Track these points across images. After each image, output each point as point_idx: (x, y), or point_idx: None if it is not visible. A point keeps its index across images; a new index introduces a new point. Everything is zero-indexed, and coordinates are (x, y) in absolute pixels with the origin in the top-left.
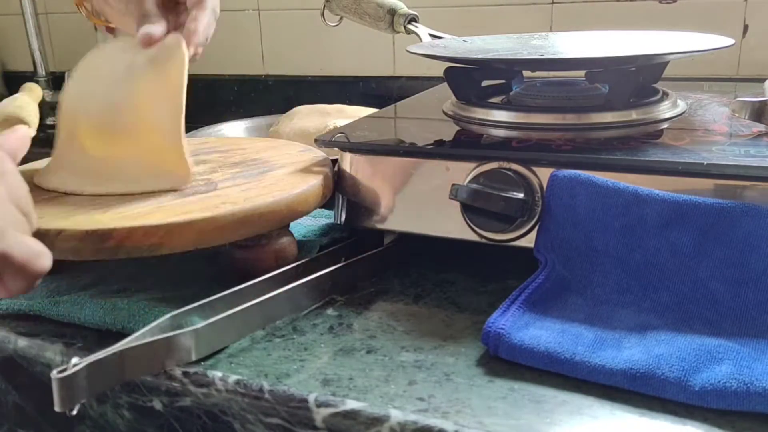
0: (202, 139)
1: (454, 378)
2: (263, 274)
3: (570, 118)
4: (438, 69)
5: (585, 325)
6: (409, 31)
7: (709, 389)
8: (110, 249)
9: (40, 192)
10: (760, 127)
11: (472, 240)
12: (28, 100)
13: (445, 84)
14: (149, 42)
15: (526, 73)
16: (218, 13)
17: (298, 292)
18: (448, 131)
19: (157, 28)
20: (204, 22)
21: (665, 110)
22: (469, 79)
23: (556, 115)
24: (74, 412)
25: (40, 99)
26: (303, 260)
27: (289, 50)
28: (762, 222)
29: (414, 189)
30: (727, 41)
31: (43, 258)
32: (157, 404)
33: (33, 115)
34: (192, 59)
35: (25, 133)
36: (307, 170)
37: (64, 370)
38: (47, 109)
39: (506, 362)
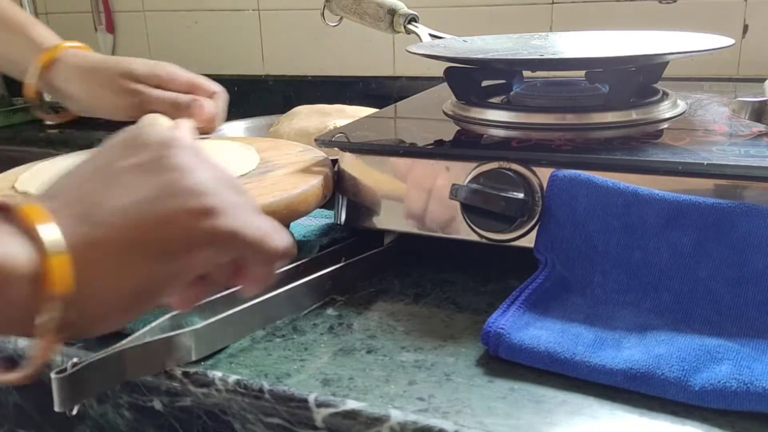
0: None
1: (454, 378)
2: None
3: (570, 118)
4: (438, 69)
5: (585, 325)
6: (409, 31)
7: (709, 389)
8: None
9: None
10: (760, 127)
11: (472, 240)
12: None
13: (445, 84)
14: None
15: (526, 73)
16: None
17: (298, 292)
18: (448, 131)
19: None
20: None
21: (665, 110)
22: (469, 79)
23: (556, 115)
24: (74, 412)
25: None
26: (303, 260)
27: (289, 50)
28: (762, 222)
29: (414, 189)
30: (727, 41)
31: (279, 233)
32: (157, 404)
33: None
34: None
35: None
36: (307, 170)
37: (64, 370)
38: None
39: (506, 362)
